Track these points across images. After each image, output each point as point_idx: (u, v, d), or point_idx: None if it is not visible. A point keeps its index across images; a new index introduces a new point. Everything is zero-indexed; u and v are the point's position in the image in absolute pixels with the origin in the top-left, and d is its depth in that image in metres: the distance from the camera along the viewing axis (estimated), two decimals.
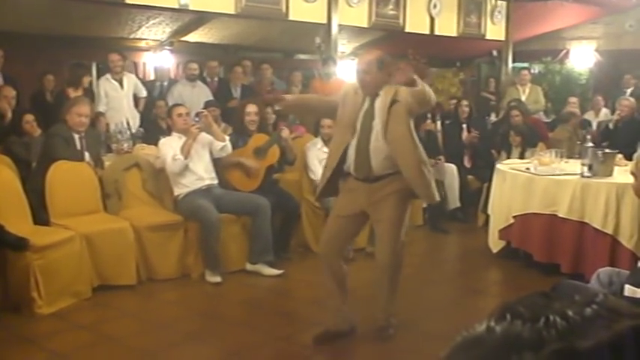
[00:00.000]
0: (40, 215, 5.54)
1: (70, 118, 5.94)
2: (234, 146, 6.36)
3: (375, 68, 4.26)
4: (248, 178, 6.33)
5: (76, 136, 5.99)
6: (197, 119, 6.15)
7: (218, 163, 6.27)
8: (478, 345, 0.66)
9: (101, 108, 7.68)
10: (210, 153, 6.16)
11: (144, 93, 8.46)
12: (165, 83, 9.35)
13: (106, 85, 7.86)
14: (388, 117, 4.21)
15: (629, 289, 3.02)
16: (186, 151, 5.91)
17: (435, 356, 0.71)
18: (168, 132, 6.73)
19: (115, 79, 7.87)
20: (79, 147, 6.00)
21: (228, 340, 4.65)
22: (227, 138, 6.23)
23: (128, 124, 7.40)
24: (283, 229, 6.49)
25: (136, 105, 8.26)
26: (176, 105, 6.45)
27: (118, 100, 7.77)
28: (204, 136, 6.09)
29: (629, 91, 11.03)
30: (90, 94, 7.58)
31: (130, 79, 8.10)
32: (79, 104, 6.08)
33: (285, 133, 6.49)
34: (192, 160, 5.97)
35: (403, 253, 4.55)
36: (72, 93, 7.15)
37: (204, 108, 7.61)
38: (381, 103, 4.26)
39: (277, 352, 4.50)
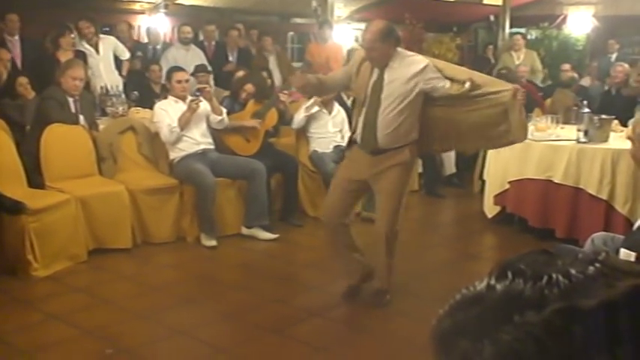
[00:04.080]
0: (35, 178, 5.51)
1: (65, 81, 5.88)
2: (231, 111, 6.33)
3: (380, 42, 4.16)
4: (247, 142, 6.32)
5: (71, 100, 5.94)
6: (198, 94, 6.06)
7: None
8: (478, 303, 0.65)
9: (89, 72, 7.59)
10: (207, 121, 6.13)
11: (126, 55, 8.21)
12: (159, 47, 9.26)
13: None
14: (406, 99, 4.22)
15: (624, 253, 3.03)
16: (183, 123, 5.88)
17: (430, 319, 0.71)
18: (162, 95, 6.69)
19: (90, 45, 7.75)
20: (73, 110, 5.96)
21: (223, 303, 4.68)
22: (224, 111, 6.18)
23: (106, 87, 7.27)
24: (287, 193, 6.47)
25: (121, 68, 8.11)
26: (177, 70, 6.32)
27: (95, 65, 7.63)
28: (203, 106, 6.03)
29: (613, 56, 10.98)
30: (82, 56, 7.49)
31: (106, 43, 7.90)
32: (73, 67, 6.02)
33: (284, 97, 6.48)
34: (188, 126, 5.94)
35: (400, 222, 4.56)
36: (61, 56, 7.05)
37: (193, 73, 7.55)
38: (394, 76, 4.21)
39: (273, 314, 4.52)
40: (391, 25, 4.29)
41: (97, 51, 7.72)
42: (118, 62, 8.03)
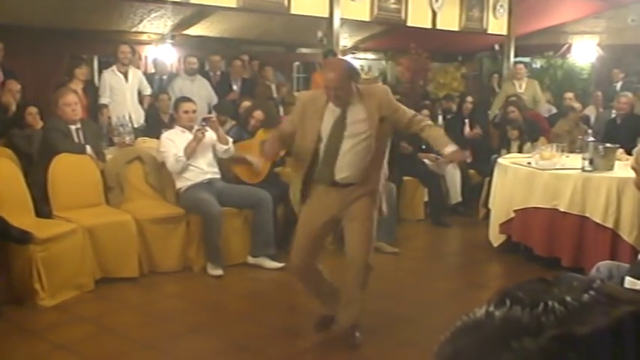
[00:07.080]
0: (42, 208, 5.55)
1: (60, 110, 5.93)
2: (239, 139, 6.37)
3: (346, 81, 4.05)
4: (254, 170, 6.35)
5: (73, 128, 5.97)
6: (204, 123, 6.08)
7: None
8: (478, 330, 0.67)
9: (105, 100, 7.69)
10: (214, 150, 6.16)
11: (149, 90, 8.37)
12: (165, 77, 9.35)
13: (111, 77, 7.86)
14: (378, 131, 4.12)
15: (629, 282, 3.04)
16: (189, 153, 5.91)
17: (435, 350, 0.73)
18: (169, 125, 6.73)
19: (121, 72, 7.86)
20: (77, 139, 5.99)
21: (230, 333, 4.67)
22: (230, 140, 6.22)
23: (130, 117, 7.38)
24: (288, 222, 6.48)
25: (141, 102, 8.22)
26: (184, 100, 6.33)
27: (121, 92, 7.77)
28: (209, 135, 6.07)
29: (619, 85, 11.04)
30: (91, 87, 7.58)
31: (135, 74, 8.08)
32: (62, 95, 6.06)
33: None
34: (194, 155, 5.97)
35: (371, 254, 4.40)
36: (74, 85, 7.14)
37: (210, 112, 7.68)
38: (357, 112, 4.12)
39: (279, 344, 4.51)
40: (350, 61, 4.23)
41: (127, 79, 7.82)
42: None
